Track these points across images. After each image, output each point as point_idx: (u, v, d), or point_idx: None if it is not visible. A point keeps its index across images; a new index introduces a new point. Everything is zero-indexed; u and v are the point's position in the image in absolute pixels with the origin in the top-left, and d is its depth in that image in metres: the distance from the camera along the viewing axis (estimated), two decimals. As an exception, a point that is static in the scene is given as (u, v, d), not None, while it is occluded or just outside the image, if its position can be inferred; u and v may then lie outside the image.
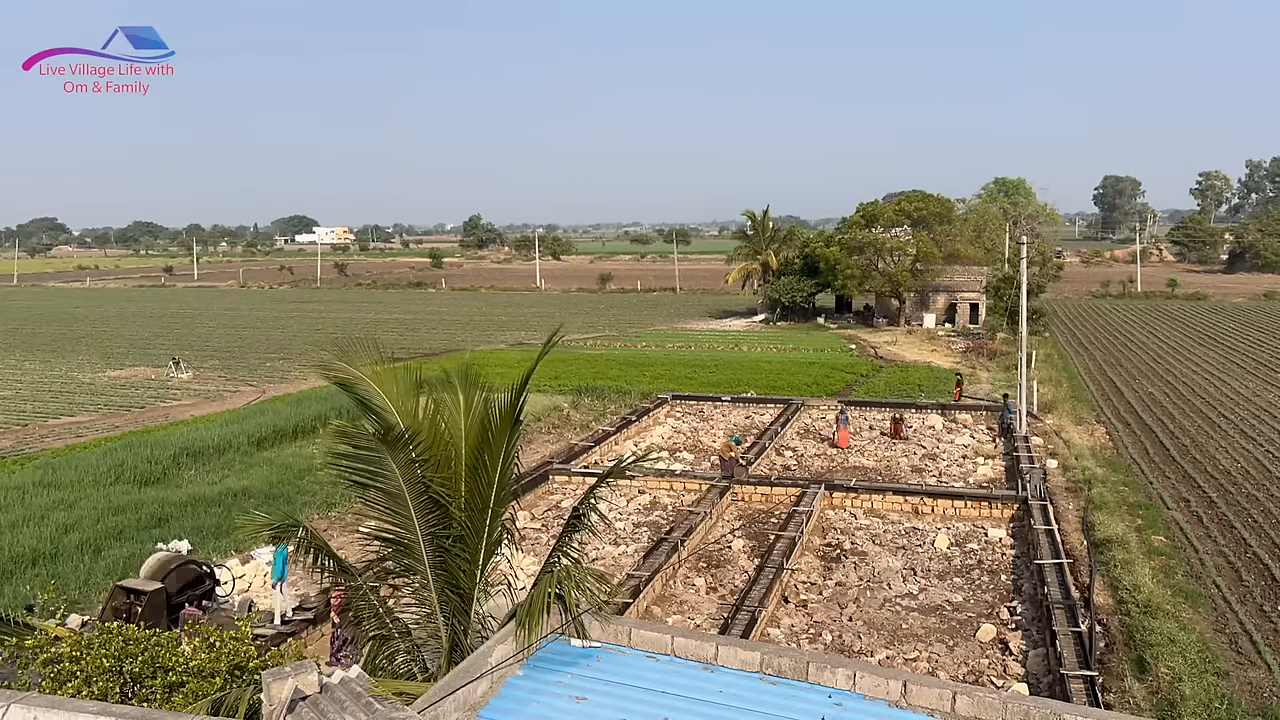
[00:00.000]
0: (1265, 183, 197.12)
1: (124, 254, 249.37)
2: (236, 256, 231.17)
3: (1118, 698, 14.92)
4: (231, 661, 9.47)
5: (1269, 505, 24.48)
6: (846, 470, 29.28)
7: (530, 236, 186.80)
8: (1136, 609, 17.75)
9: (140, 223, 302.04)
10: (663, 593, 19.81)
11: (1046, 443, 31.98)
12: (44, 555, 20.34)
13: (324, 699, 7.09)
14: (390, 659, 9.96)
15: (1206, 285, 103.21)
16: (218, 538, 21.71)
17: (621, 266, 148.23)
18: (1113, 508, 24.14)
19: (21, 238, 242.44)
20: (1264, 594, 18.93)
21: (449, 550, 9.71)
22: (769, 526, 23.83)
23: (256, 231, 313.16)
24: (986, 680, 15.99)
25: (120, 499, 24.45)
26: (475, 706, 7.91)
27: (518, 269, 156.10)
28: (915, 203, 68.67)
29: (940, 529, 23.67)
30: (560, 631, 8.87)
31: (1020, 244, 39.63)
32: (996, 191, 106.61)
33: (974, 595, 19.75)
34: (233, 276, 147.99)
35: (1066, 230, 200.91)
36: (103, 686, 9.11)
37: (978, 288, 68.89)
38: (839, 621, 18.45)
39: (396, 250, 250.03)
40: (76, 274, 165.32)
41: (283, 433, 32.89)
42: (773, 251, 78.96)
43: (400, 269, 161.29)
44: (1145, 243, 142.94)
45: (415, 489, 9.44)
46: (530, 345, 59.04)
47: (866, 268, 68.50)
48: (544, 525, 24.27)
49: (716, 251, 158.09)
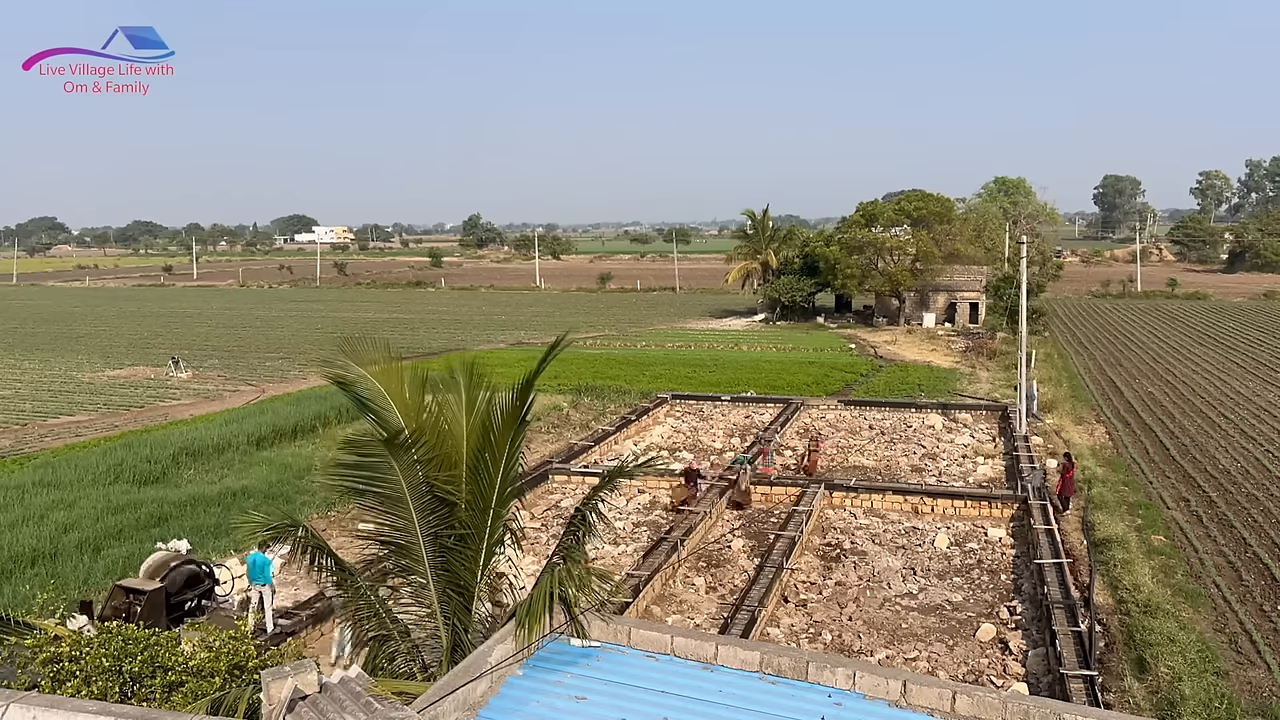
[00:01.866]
0: (1265, 182, 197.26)
1: (123, 253, 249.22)
2: (236, 256, 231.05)
3: (1117, 697, 14.91)
4: (231, 661, 9.46)
5: (1269, 505, 24.47)
6: (846, 470, 29.26)
7: (530, 236, 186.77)
8: (1136, 608, 17.74)
9: (139, 222, 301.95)
10: (662, 592, 19.81)
11: (1046, 442, 31.97)
12: (43, 555, 20.32)
13: (323, 698, 7.08)
14: (390, 659, 9.95)
15: (1206, 285, 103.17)
16: (217, 537, 21.69)
17: (621, 266, 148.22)
18: (1113, 507, 24.13)
19: (21, 237, 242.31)
20: (1264, 594, 18.92)
21: (450, 550, 9.69)
22: (768, 526, 23.82)
23: (256, 231, 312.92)
24: (986, 680, 15.98)
25: (119, 498, 24.42)
26: (475, 706, 7.90)
27: (517, 268, 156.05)
28: (915, 202, 68.65)
29: (940, 528, 23.66)
30: (560, 631, 8.86)
31: (1020, 243, 39.63)
32: (996, 191, 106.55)
33: (974, 595, 19.75)
34: (232, 276, 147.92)
35: (1066, 230, 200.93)
36: (102, 686, 9.10)
37: (978, 287, 68.87)
38: (839, 621, 18.44)
39: (396, 250, 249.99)
40: (76, 273, 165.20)
41: (282, 432, 32.84)
42: (772, 251, 78.96)
43: (400, 268, 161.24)
44: (1145, 242, 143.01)
45: (417, 489, 9.41)
46: (530, 345, 59.02)
47: (866, 267, 68.48)
48: (544, 525, 24.27)
49: (716, 251, 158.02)
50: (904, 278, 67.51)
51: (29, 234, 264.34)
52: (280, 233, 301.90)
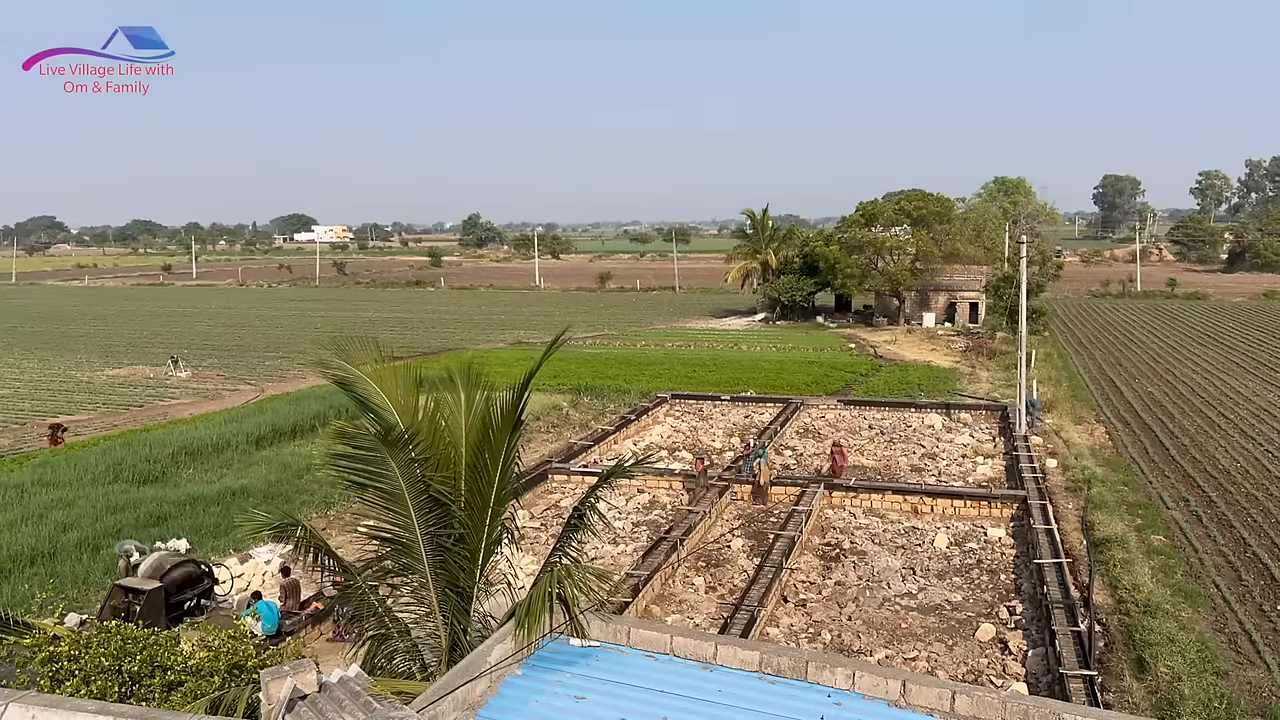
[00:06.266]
0: (1265, 182, 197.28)
1: (122, 252, 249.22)
2: (235, 255, 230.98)
3: (1117, 697, 14.91)
4: (230, 660, 9.45)
5: (1269, 505, 24.47)
6: (846, 470, 29.21)
7: (529, 235, 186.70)
8: (1136, 608, 17.74)
9: (139, 221, 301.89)
10: (662, 592, 19.80)
11: (1046, 442, 31.98)
12: (42, 554, 20.32)
13: (323, 698, 7.08)
14: (389, 658, 9.94)
15: (1206, 285, 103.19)
16: (216, 536, 21.69)
17: (621, 265, 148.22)
18: (1112, 507, 24.13)
19: (20, 236, 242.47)
20: (1263, 594, 18.92)
21: (449, 549, 9.68)
22: (768, 526, 23.82)
23: (255, 230, 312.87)
24: (986, 680, 15.98)
25: (119, 498, 24.42)
26: (474, 706, 7.89)
27: (517, 268, 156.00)
28: (915, 202, 68.63)
29: (940, 528, 23.66)
30: (559, 631, 8.85)
31: (1020, 243, 39.62)
32: (996, 191, 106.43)
33: (973, 595, 19.74)
34: (231, 275, 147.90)
35: (1066, 229, 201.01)
36: (101, 685, 9.09)
37: (977, 287, 68.88)
38: (838, 621, 18.44)
39: (395, 249, 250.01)
40: (75, 272, 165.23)
41: (281, 432, 32.84)
42: (772, 250, 78.94)
43: (399, 268, 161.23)
44: (1145, 242, 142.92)
45: (415, 488, 9.40)
46: (530, 344, 59.01)
47: (866, 267, 68.47)
48: (543, 524, 24.26)
49: (716, 250, 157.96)
50: (904, 277, 67.50)
51: (28, 233, 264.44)
52: (279, 232, 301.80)
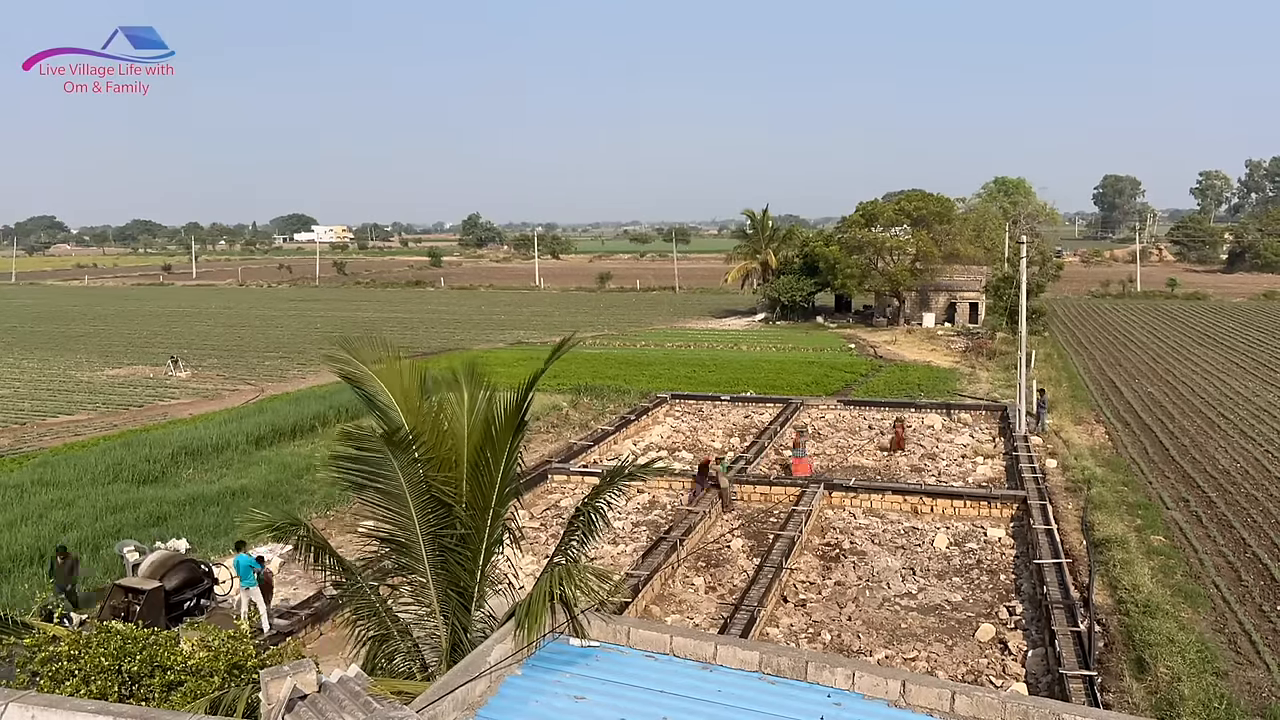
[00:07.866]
0: (1265, 182, 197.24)
1: (122, 252, 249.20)
2: (235, 255, 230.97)
3: (1117, 697, 14.91)
4: (230, 660, 9.45)
5: (1269, 505, 24.47)
6: (846, 470, 29.26)
7: (529, 235, 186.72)
8: (1136, 609, 17.73)
9: (139, 221, 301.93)
10: (662, 592, 19.80)
11: (1046, 442, 31.98)
12: (42, 554, 20.31)
13: (322, 698, 7.08)
14: (389, 658, 9.94)
15: (1206, 285, 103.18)
16: (216, 536, 21.68)
17: (621, 265, 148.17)
18: (1112, 507, 24.12)
19: (20, 236, 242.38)
20: (1263, 594, 18.92)
21: (451, 549, 9.68)
22: (768, 526, 23.82)
23: (255, 230, 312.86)
24: (985, 680, 15.98)
25: (118, 498, 24.41)
26: (474, 706, 7.89)
27: (516, 268, 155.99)
28: (915, 202, 68.60)
29: (939, 528, 23.66)
30: (559, 631, 8.85)
31: (1020, 243, 39.60)
32: (996, 191, 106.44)
33: (973, 595, 19.74)
34: (231, 275, 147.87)
35: (1066, 230, 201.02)
36: (101, 685, 9.09)
37: (977, 287, 68.87)
38: (838, 621, 18.44)
39: (395, 249, 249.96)
40: (75, 272, 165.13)
41: (281, 432, 32.83)
42: (772, 250, 78.94)
43: (399, 267, 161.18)
44: (1145, 242, 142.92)
45: (417, 488, 9.40)
46: (530, 344, 59.01)
47: (866, 267, 68.46)
48: (543, 525, 24.26)
49: (716, 250, 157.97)
50: (904, 278, 67.49)
51: (28, 233, 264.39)
52: (279, 232, 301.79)
